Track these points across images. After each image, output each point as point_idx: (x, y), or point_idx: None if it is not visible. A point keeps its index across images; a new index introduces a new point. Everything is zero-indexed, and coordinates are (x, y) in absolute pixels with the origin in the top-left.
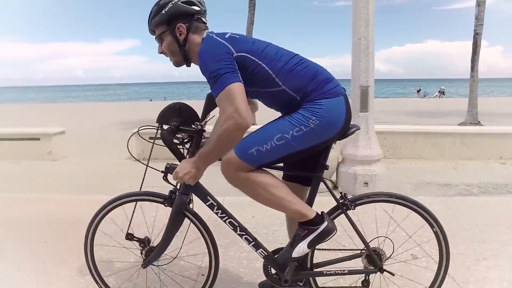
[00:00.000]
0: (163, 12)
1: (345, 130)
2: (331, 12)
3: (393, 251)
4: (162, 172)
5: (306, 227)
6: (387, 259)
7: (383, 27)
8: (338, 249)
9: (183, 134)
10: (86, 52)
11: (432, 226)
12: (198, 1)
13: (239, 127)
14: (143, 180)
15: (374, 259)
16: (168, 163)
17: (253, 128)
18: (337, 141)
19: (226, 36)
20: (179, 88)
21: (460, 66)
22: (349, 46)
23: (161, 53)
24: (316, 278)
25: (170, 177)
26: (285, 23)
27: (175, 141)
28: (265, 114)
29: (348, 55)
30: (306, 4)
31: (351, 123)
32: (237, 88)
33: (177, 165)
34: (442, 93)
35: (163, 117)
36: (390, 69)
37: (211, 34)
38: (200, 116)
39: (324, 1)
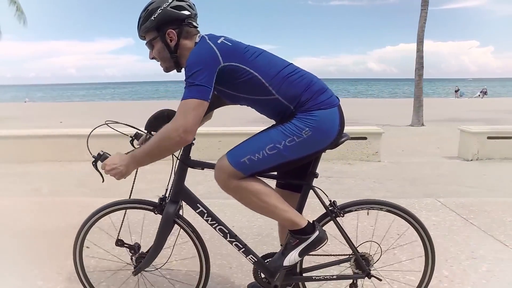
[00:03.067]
0: (152, 18)
1: (337, 140)
2: (325, 12)
3: (380, 256)
4: (93, 157)
5: (298, 236)
6: (375, 263)
7: (377, 27)
8: (327, 255)
9: None
10: (80, 51)
11: (418, 232)
12: (188, 5)
13: (179, 143)
14: (132, 187)
15: (362, 265)
16: (101, 151)
17: (246, 135)
18: None
19: (219, 42)
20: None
21: (453, 66)
22: (344, 46)
23: (152, 58)
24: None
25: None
26: (281, 24)
27: None
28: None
29: (343, 55)
30: (300, 3)
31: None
32: (199, 106)
33: (110, 155)
34: (484, 93)
35: (151, 125)
36: (383, 68)
37: (205, 37)
38: None
39: (318, 1)
